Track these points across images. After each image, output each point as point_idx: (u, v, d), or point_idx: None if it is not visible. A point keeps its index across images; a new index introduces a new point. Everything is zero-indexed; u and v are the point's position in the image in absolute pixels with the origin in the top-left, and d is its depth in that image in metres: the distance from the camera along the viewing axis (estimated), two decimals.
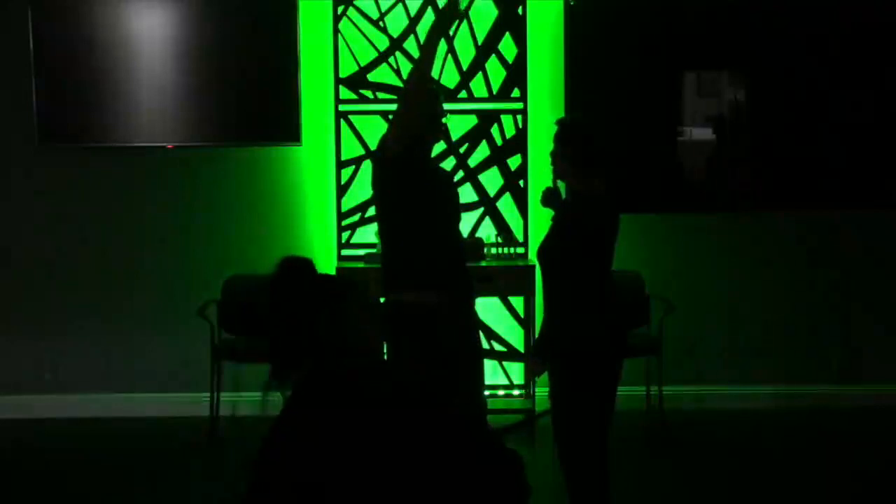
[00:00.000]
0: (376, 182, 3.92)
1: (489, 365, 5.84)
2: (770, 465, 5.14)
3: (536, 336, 3.91)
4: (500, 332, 5.92)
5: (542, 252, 3.80)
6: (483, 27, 5.82)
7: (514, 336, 5.95)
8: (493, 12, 5.81)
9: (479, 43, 5.83)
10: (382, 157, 3.85)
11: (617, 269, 3.90)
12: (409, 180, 3.83)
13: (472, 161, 5.88)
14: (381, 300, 3.96)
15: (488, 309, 5.78)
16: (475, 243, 5.67)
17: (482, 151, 5.89)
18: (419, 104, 3.77)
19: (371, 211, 5.86)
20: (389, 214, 3.91)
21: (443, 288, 3.83)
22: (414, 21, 5.82)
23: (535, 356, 3.85)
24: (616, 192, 3.87)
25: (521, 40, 5.81)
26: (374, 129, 5.84)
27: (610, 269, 3.81)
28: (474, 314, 4.07)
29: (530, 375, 5.39)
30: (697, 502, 4.72)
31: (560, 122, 3.89)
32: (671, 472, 5.10)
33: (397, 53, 5.82)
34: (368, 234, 5.85)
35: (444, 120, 3.96)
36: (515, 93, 5.85)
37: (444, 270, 3.85)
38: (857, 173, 5.90)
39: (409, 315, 3.84)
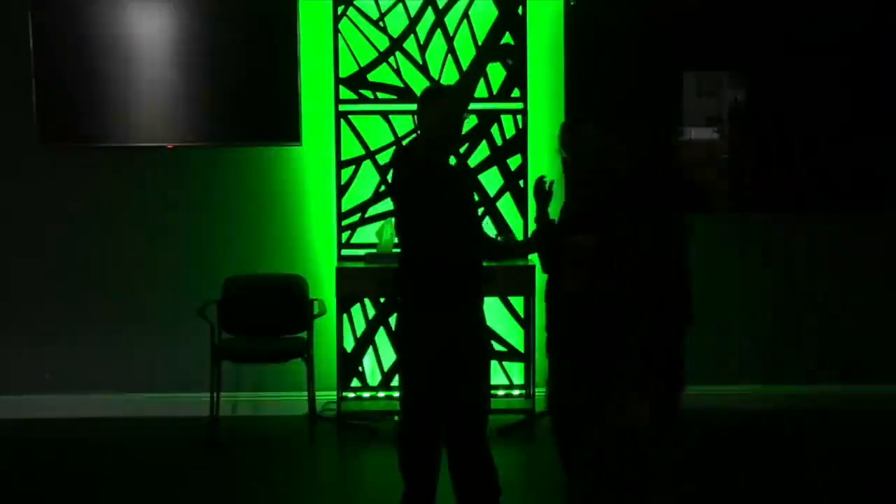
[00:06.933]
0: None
1: None
2: (770, 465, 5.14)
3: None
4: (500, 332, 5.92)
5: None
6: (483, 27, 5.82)
7: (514, 336, 5.95)
8: (493, 12, 5.82)
9: (479, 43, 5.83)
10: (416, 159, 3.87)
11: None
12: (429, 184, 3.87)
13: (472, 161, 5.88)
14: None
15: (488, 309, 5.77)
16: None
17: (482, 151, 5.89)
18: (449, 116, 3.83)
19: (371, 211, 5.87)
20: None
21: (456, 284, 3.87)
22: (414, 21, 5.82)
23: None
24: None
25: (521, 40, 5.81)
26: (374, 129, 5.85)
27: None
28: (481, 312, 4.09)
29: None
30: (697, 502, 4.72)
31: (572, 127, 3.92)
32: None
33: (397, 53, 5.82)
34: (368, 234, 5.85)
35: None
36: (515, 93, 5.85)
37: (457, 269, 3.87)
38: (857, 175, 5.90)
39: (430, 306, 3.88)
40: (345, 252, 5.86)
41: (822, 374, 6.04)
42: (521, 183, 5.87)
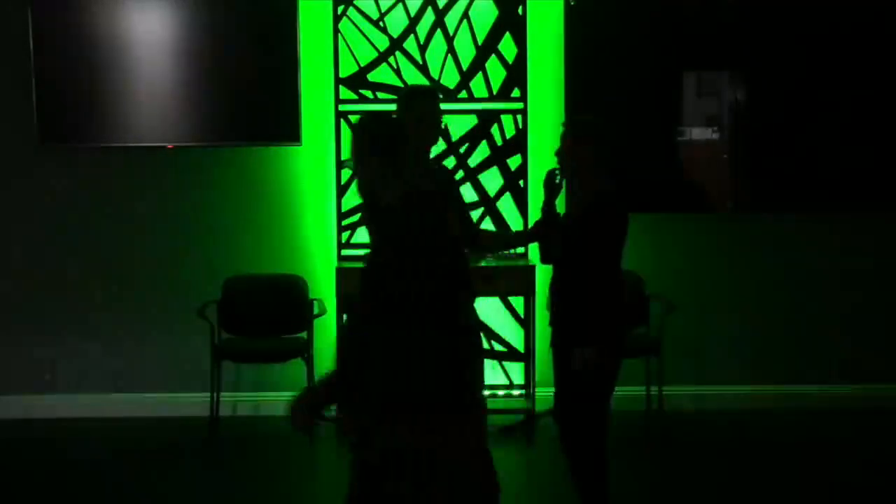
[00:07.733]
0: None
1: (489, 365, 5.85)
2: (770, 465, 5.14)
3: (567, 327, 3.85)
4: (501, 332, 5.92)
5: (568, 252, 3.83)
6: (483, 27, 5.82)
7: (515, 336, 5.94)
8: (493, 12, 5.82)
9: (479, 43, 5.83)
10: None
11: None
12: None
13: (472, 161, 5.88)
14: None
15: (488, 309, 5.79)
16: None
17: (482, 151, 5.89)
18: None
19: None
20: None
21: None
22: (414, 21, 5.82)
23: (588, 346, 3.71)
24: (624, 190, 3.93)
25: (521, 40, 5.81)
26: None
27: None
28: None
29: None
30: (697, 502, 4.72)
31: (575, 121, 3.93)
32: (671, 472, 5.10)
33: (397, 53, 5.82)
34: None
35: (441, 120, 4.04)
36: (515, 93, 5.85)
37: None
38: (857, 174, 5.90)
39: None
40: (345, 252, 5.86)
41: (821, 374, 6.04)
42: (522, 183, 5.87)
